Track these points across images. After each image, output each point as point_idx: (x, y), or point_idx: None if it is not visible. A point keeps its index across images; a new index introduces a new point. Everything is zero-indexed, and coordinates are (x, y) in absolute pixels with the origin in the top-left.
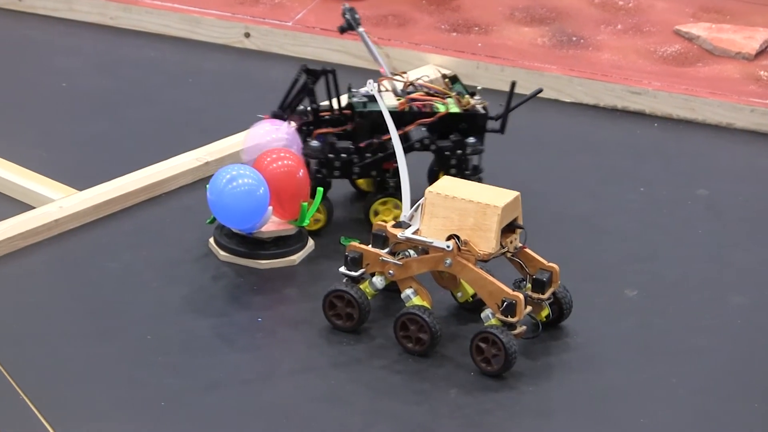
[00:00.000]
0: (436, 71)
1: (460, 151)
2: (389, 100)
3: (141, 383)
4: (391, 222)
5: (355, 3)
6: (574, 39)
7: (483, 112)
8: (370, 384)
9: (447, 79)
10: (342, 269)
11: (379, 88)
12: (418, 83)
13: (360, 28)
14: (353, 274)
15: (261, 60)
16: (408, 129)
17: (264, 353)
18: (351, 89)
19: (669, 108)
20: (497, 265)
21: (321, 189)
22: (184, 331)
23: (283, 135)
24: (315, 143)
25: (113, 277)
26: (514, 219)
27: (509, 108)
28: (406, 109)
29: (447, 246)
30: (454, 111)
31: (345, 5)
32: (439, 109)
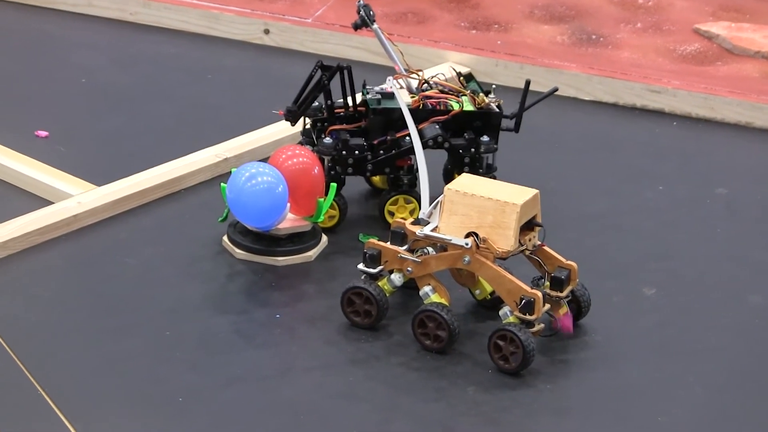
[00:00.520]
0: (451, 70)
1: (473, 150)
2: (403, 97)
3: (159, 379)
4: (410, 219)
5: (374, 0)
6: (593, 37)
7: (497, 110)
8: (387, 381)
9: (462, 77)
10: (360, 266)
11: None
12: (432, 81)
13: (375, 24)
14: (372, 271)
15: (280, 57)
16: (422, 126)
17: (282, 350)
18: (365, 86)
19: (688, 107)
20: (515, 263)
21: (334, 185)
22: (202, 328)
23: None
24: (328, 140)
25: (131, 273)
26: (532, 217)
27: (524, 107)
28: (419, 107)
29: (466, 243)
30: (468, 109)
31: (360, 1)
32: (453, 107)
